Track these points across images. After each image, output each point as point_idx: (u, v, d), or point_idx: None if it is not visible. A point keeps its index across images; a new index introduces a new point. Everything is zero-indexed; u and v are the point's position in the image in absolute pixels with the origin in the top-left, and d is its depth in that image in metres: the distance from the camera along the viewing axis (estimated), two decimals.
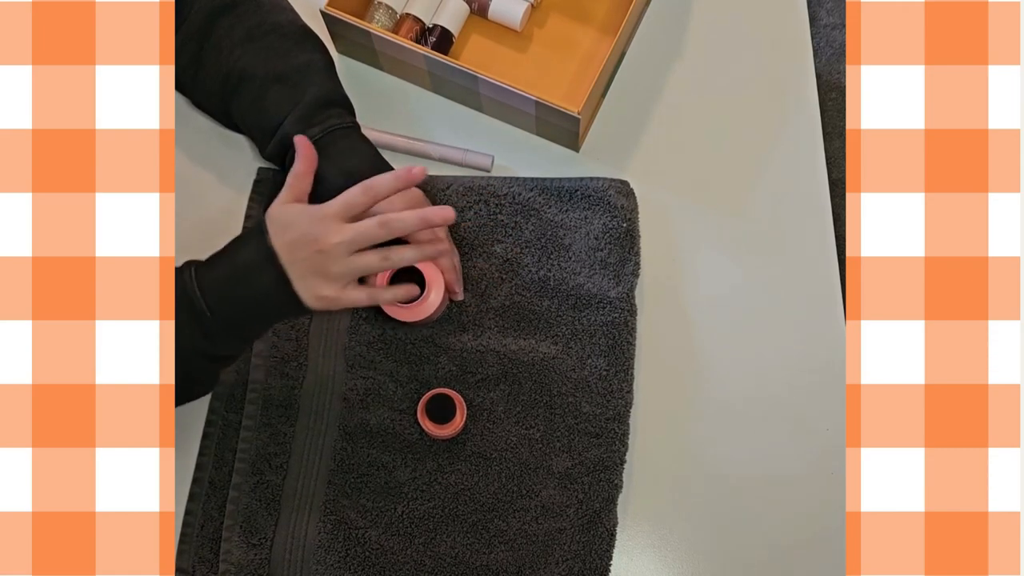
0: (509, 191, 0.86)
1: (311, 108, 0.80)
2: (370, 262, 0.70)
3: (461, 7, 0.93)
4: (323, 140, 0.79)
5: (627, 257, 0.84)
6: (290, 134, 0.79)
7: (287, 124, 0.80)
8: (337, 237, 0.68)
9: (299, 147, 0.74)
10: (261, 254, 0.69)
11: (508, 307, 0.83)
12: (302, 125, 0.79)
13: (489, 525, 0.77)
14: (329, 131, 0.79)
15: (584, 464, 0.79)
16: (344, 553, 0.76)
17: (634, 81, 0.93)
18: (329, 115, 0.80)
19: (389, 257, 0.70)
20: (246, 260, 0.70)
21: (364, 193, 0.70)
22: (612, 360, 0.81)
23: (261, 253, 0.69)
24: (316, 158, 0.75)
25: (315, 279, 0.69)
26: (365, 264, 0.70)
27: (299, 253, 0.69)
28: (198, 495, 0.79)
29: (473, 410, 0.80)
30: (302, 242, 0.69)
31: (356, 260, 0.70)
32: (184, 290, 0.69)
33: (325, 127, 0.79)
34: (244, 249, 0.71)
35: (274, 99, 0.80)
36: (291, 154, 0.80)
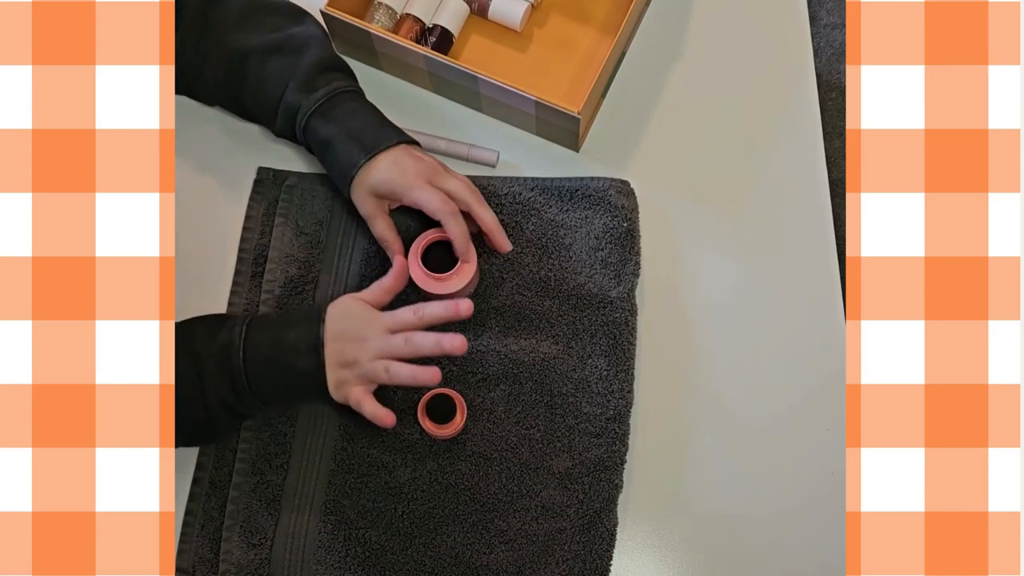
0: (509, 191, 0.86)
1: (311, 72, 0.81)
2: (377, 369, 0.73)
3: (461, 7, 0.93)
4: (328, 102, 0.80)
5: (627, 257, 0.84)
6: (293, 103, 0.81)
7: (288, 93, 0.81)
8: (378, 343, 0.73)
9: (395, 265, 0.78)
10: (310, 341, 0.73)
11: (509, 307, 0.83)
12: (305, 91, 0.80)
13: (489, 525, 0.77)
14: (335, 93, 0.80)
15: (584, 464, 0.79)
16: (344, 553, 0.76)
17: (634, 81, 0.93)
18: (331, 78, 0.81)
19: (390, 369, 0.73)
20: (294, 341, 0.74)
21: (415, 315, 0.74)
22: (612, 360, 0.81)
23: (310, 340, 0.73)
24: (406, 278, 0.78)
25: (341, 369, 0.74)
26: (374, 370, 0.73)
27: (339, 344, 0.73)
28: (198, 495, 0.79)
29: (473, 410, 0.80)
30: (350, 335, 0.74)
31: (371, 366, 0.74)
32: (229, 344, 0.73)
33: (329, 90, 0.80)
34: (296, 329, 0.74)
35: (274, 70, 0.81)
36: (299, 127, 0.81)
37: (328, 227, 0.86)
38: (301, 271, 0.84)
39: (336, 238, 0.85)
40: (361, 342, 0.73)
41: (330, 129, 0.80)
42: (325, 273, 0.84)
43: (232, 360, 0.73)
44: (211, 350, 0.73)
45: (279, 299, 0.83)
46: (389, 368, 0.73)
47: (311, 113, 0.80)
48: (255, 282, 0.85)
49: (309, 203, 0.87)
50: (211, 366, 0.72)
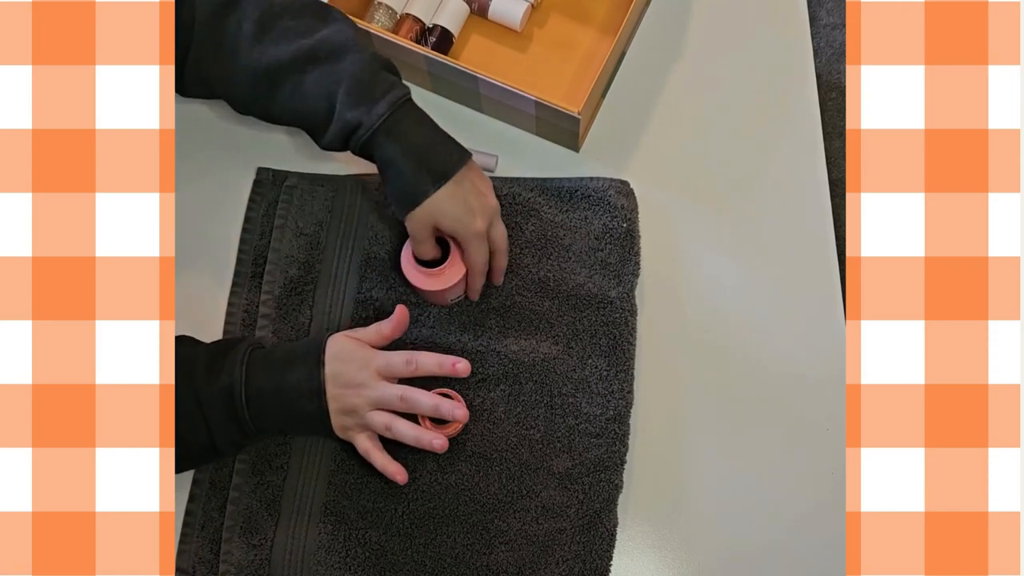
0: (509, 191, 0.86)
1: (361, 82, 0.74)
2: (377, 423, 0.75)
3: (461, 7, 0.93)
4: (393, 116, 0.74)
5: (627, 257, 0.84)
6: (352, 120, 0.74)
7: (342, 108, 0.74)
8: (373, 393, 0.74)
9: (397, 315, 0.77)
10: (312, 385, 0.74)
11: (508, 307, 0.83)
12: (363, 104, 0.74)
13: (489, 525, 0.77)
14: (398, 105, 0.75)
15: (584, 464, 0.79)
16: (344, 554, 0.76)
17: (634, 81, 0.93)
18: (387, 84, 0.75)
19: (391, 427, 0.74)
20: (295, 385, 0.74)
21: (406, 365, 0.75)
22: (612, 360, 0.81)
23: (312, 384, 0.74)
24: (405, 329, 0.78)
25: (343, 416, 0.75)
26: (375, 423, 0.75)
27: (338, 389, 0.74)
28: (198, 496, 0.79)
29: (473, 410, 0.80)
30: (347, 379, 0.74)
31: (372, 416, 0.74)
32: (231, 389, 0.73)
33: (391, 102, 0.74)
34: (296, 372, 0.74)
35: (312, 82, 0.75)
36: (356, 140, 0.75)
37: (328, 228, 0.86)
38: (301, 272, 0.84)
39: (336, 239, 0.85)
40: (358, 389, 0.74)
41: (394, 148, 0.75)
42: (325, 274, 0.84)
43: (235, 405, 0.73)
44: (213, 393, 0.73)
45: (278, 299, 0.83)
46: (391, 427, 0.74)
47: (375, 131, 0.74)
48: (255, 282, 0.85)
49: (309, 204, 0.87)
50: (216, 408, 0.73)
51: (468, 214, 0.76)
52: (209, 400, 0.73)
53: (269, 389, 0.74)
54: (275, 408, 0.74)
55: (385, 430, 0.74)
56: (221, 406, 0.73)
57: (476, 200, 0.76)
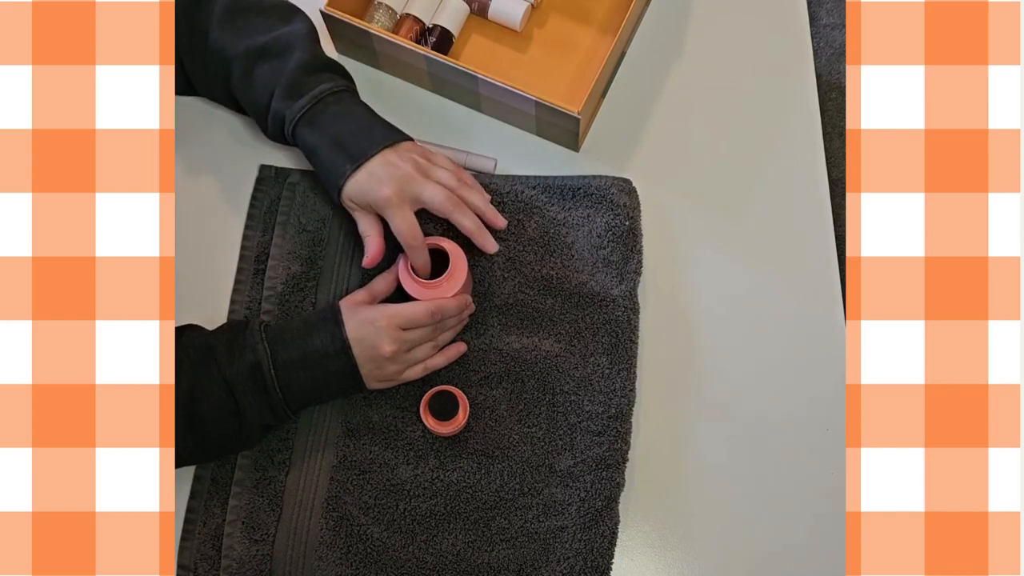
0: (512, 189, 0.86)
1: (296, 76, 0.79)
2: (418, 356, 0.78)
3: (461, 7, 0.93)
4: (313, 109, 0.79)
5: (629, 255, 0.84)
6: (279, 112, 0.80)
7: (275, 101, 0.79)
8: (393, 346, 0.76)
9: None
10: (336, 345, 0.75)
11: (511, 305, 0.83)
12: (290, 97, 0.79)
13: (491, 523, 0.78)
14: (320, 98, 0.79)
15: (586, 462, 0.79)
16: (346, 550, 0.76)
17: (634, 81, 0.93)
18: (317, 80, 0.80)
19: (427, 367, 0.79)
20: (320, 348, 0.75)
21: (430, 316, 0.77)
22: (614, 358, 0.81)
23: (336, 344, 0.75)
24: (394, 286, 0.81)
25: (376, 370, 0.77)
26: (415, 358, 0.78)
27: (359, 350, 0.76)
28: (200, 492, 0.79)
29: (475, 408, 0.80)
30: (365, 343, 0.75)
31: (409, 356, 0.78)
32: (257, 365, 0.74)
33: (314, 95, 0.79)
34: (317, 336, 0.76)
35: (260, 76, 0.80)
36: (288, 131, 0.80)
37: (330, 224, 0.86)
38: (303, 268, 0.84)
39: (338, 235, 0.85)
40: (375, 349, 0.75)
41: (316, 137, 0.79)
42: (327, 270, 0.84)
43: (264, 381, 0.74)
44: (240, 372, 0.74)
45: (281, 296, 0.83)
46: (428, 366, 0.79)
47: (297, 121, 0.79)
48: (257, 279, 0.85)
49: (311, 200, 0.87)
50: (244, 387, 0.74)
51: (376, 185, 0.77)
52: (237, 380, 0.73)
53: (296, 358, 0.75)
54: (304, 375, 0.75)
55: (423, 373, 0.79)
56: (251, 385, 0.74)
57: (384, 170, 0.78)
